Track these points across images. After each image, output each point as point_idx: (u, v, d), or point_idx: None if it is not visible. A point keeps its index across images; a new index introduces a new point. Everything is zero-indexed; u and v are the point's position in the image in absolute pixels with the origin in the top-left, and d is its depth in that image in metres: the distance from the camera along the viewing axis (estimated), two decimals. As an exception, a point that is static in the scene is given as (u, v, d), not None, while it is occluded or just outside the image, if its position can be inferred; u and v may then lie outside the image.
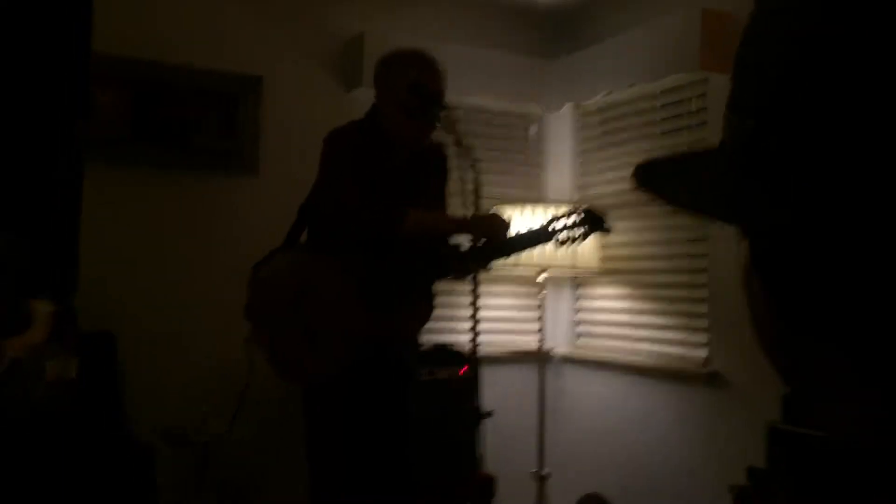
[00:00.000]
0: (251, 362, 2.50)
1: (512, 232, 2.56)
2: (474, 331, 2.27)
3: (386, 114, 2.53)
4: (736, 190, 0.40)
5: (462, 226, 2.51)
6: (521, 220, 3.57)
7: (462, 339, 3.73)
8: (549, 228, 2.54)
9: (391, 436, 2.54)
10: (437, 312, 3.65)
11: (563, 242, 2.54)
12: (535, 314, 3.85)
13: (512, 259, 3.55)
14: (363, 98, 3.60)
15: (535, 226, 2.67)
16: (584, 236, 2.55)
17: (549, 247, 3.53)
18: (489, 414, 2.32)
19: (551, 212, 3.58)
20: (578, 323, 4.12)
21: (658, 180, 0.47)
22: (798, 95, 0.38)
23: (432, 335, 3.74)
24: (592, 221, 2.54)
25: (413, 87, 2.41)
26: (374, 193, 2.45)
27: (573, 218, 2.54)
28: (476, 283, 2.30)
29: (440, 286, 2.64)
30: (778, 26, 0.40)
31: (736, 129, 0.41)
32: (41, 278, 0.78)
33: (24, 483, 2.15)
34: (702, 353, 3.38)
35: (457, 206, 2.72)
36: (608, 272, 3.84)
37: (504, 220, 2.49)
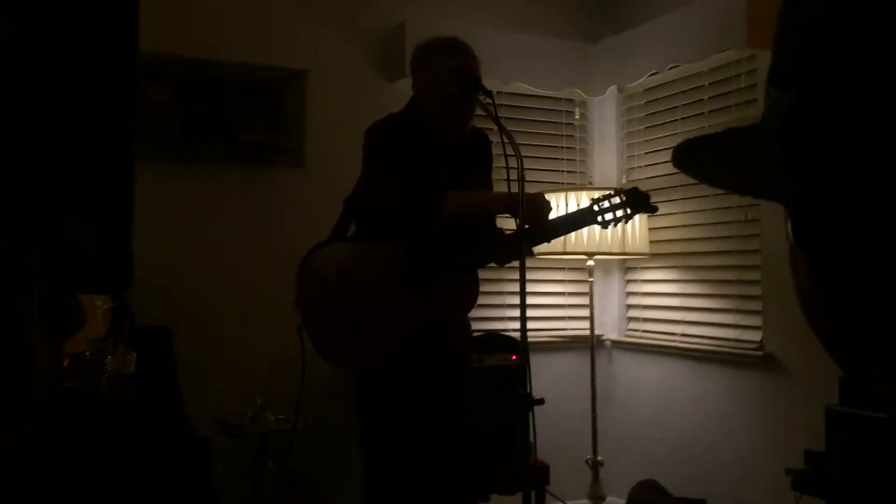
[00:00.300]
0: (304, 349, 2.52)
1: (554, 215, 2.54)
2: (523, 317, 2.26)
3: (425, 102, 2.53)
4: (778, 165, 0.39)
5: (504, 203, 2.51)
6: (567, 206, 3.55)
7: (512, 326, 3.74)
8: (594, 209, 2.50)
9: (444, 423, 2.55)
10: (486, 299, 3.66)
11: (608, 224, 2.51)
12: (584, 300, 3.83)
13: (560, 245, 3.55)
14: (406, 88, 3.59)
15: (580, 208, 2.65)
16: (629, 217, 2.52)
17: (595, 229, 3.52)
18: (541, 401, 2.30)
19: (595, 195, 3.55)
20: (629, 308, 4.08)
21: (698, 161, 0.46)
22: (840, 64, 0.37)
23: (483, 322, 3.75)
24: (638, 202, 2.50)
25: (453, 71, 2.41)
26: (418, 183, 2.45)
27: (617, 199, 2.50)
28: (524, 270, 2.28)
29: (487, 272, 2.64)
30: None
31: (776, 102, 0.40)
32: (97, 275, 0.79)
33: (87, 476, 2.22)
34: (756, 336, 3.32)
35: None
36: (658, 256, 3.80)
37: (546, 200, 2.47)
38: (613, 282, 4.13)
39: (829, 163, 0.37)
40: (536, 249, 3.52)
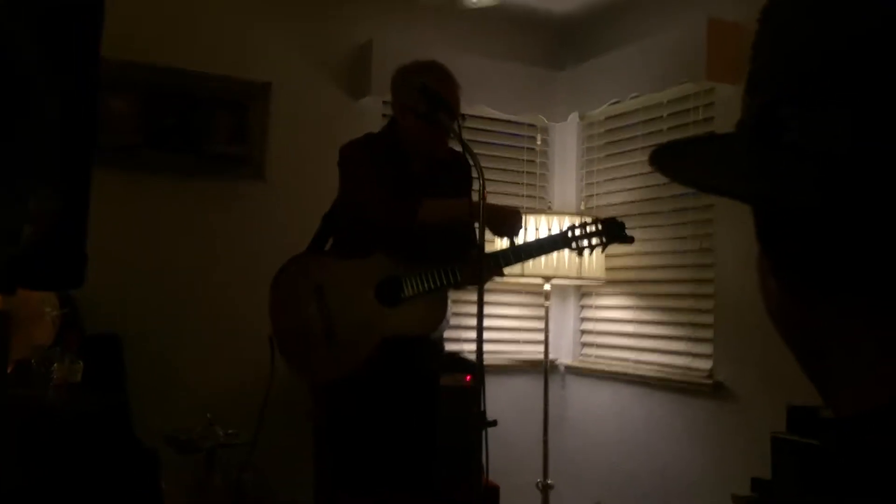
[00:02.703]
0: (273, 359, 2.53)
1: (526, 234, 2.59)
2: (480, 339, 2.27)
3: (402, 121, 2.56)
4: (749, 166, 0.41)
5: (475, 213, 2.56)
6: (525, 230, 3.58)
7: (467, 348, 3.74)
8: (569, 235, 2.55)
9: (408, 440, 2.57)
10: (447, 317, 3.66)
11: (582, 251, 2.56)
12: (540, 324, 3.85)
13: (517, 268, 3.57)
14: (370, 106, 3.63)
15: (556, 232, 2.70)
16: (605, 246, 2.56)
17: (567, 254, 3.55)
18: (494, 422, 2.31)
19: (557, 221, 3.59)
20: (583, 333, 4.12)
21: (675, 162, 0.48)
22: (808, 69, 0.38)
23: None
24: (613, 231, 2.56)
25: (425, 91, 2.43)
26: (394, 194, 2.49)
27: (594, 227, 2.55)
28: (482, 291, 2.29)
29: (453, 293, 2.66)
30: (793, 8, 0.41)
31: (749, 108, 0.42)
32: (47, 270, 0.78)
33: (30, 486, 2.16)
34: (706, 364, 3.37)
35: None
36: (613, 283, 3.84)
37: (519, 214, 2.53)
38: (569, 307, 4.17)
39: (804, 162, 0.38)
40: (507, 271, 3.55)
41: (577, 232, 2.55)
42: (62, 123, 0.75)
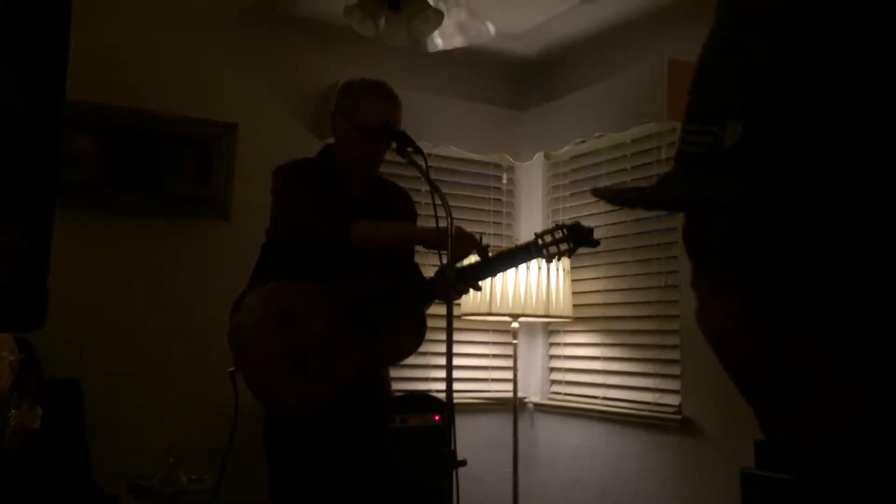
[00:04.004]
0: (237, 394, 2.36)
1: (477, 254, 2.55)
2: (449, 378, 2.25)
3: (339, 131, 2.54)
4: (729, 182, 0.40)
5: (418, 234, 2.50)
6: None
7: (435, 387, 3.72)
8: (538, 242, 2.54)
9: (362, 482, 2.49)
10: (409, 359, 3.63)
11: (552, 257, 2.55)
12: (508, 362, 3.84)
13: (485, 306, 3.57)
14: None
15: (523, 242, 2.68)
16: (572, 251, 2.56)
17: (520, 289, 3.54)
18: (464, 462, 2.28)
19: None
20: (552, 370, 4.12)
21: (624, 193, 0.48)
22: (800, 89, 0.38)
23: (405, 382, 3.72)
24: (579, 235, 2.56)
25: (388, 128, 2.43)
26: (327, 213, 2.42)
27: (560, 232, 2.55)
28: (451, 328, 2.28)
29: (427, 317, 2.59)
30: (753, 27, 0.41)
31: (713, 135, 0.42)
32: (7, 311, 0.76)
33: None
34: (674, 399, 3.38)
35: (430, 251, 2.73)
36: (581, 319, 3.86)
37: (468, 233, 2.43)
38: (537, 344, 4.17)
39: (800, 182, 0.38)
40: (473, 308, 3.53)
41: (546, 238, 2.55)
42: (29, 161, 0.74)
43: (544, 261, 2.60)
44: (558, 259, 2.60)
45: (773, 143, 0.39)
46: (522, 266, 3.60)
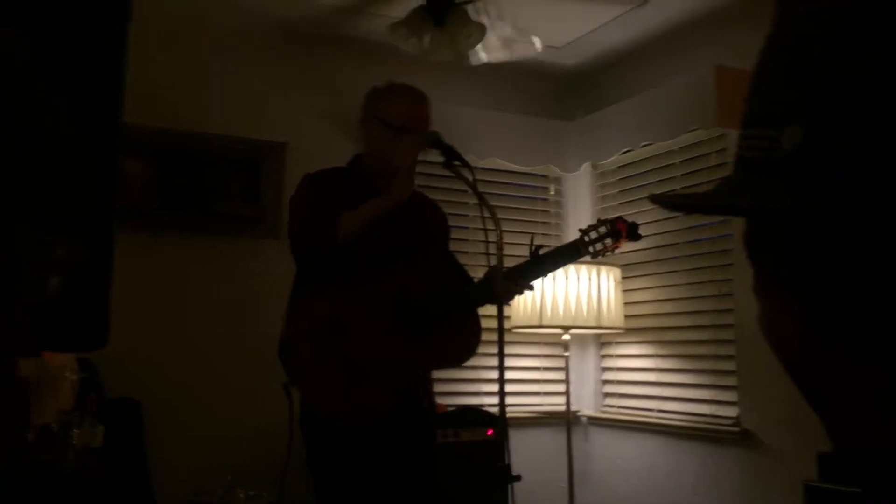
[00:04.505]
0: (292, 407, 2.32)
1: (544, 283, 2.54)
2: (502, 391, 2.24)
3: (367, 132, 2.52)
4: (789, 187, 0.40)
5: (394, 202, 2.39)
6: (542, 280, 3.58)
7: (486, 401, 3.70)
8: (584, 239, 2.54)
9: (412, 496, 2.42)
10: (460, 373, 3.62)
11: (598, 254, 2.55)
12: (560, 375, 3.81)
13: (535, 319, 3.55)
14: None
15: (568, 242, 2.66)
16: (615, 247, 2.56)
17: (570, 301, 3.51)
18: (518, 477, 2.26)
19: (574, 270, 3.57)
20: (605, 383, 4.07)
21: (677, 198, 0.47)
22: (863, 99, 0.38)
23: (457, 397, 3.71)
24: (622, 230, 2.54)
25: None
26: (326, 212, 2.36)
27: (603, 228, 2.54)
28: (503, 342, 2.27)
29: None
30: (811, 32, 0.41)
31: (773, 140, 0.41)
32: (71, 331, 0.78)
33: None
34: (732, 411, 3.31)
35: (480, 264, 2.73)
36: (633, 331, 3.81)
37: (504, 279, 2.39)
38: (589, 357, 4.13)
39: (855, 190, 0.37)
40: (524, 321, 3.51)
41: (592, 235, 2.54)
42: (89, 179, 0.76)
43: (590, 258, 2.59)
44: (603, 255, 2.59)
45: (832, 148, 0.38)
46: (573, 277, 3.57)
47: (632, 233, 2.56)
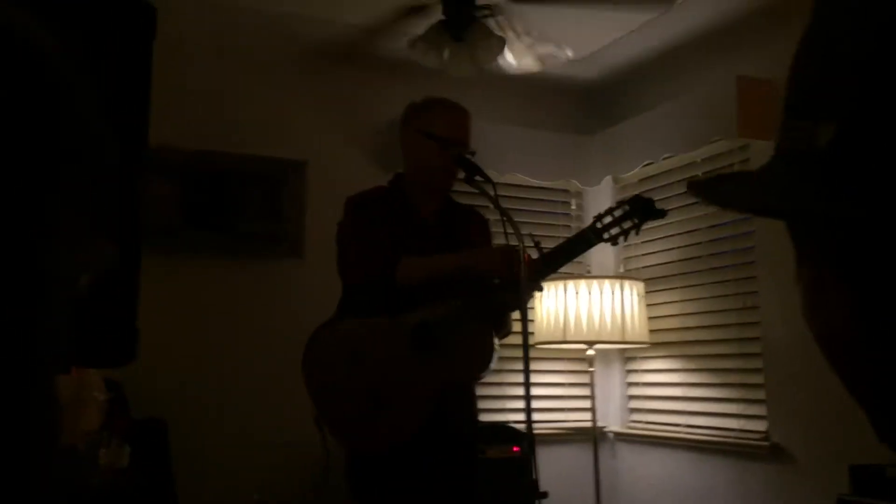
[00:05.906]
0: (326, 442, 2.37)
1: (553, 304, 2.51)
2: (528, 408, 2.22)
3: (411, 148, 2.53)
4: (821, 188, 0.40)
5: (464, 261, 2.38)
6: (566, 294, 3.56)
7: (512, 418, 3.67)
8: (597, 225, 2.39)
9: None
10: (485, 390, 3.60)
11: (615, 238, 2.38)
12: (585, 391, 3.78)
13: (559, 334, 3.52)
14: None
15: (581, 230, 2.53)
16: (637, 227, 2.37)
17: (594, 315, 3.48)
18: (545, 494, 2.24)
19: (597, 285, 3.55)
20: (630, 398, 4.03)
21: (717, 189, 0.47)
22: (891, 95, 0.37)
23: (482, 413, 3.68)
24: (643, 208, 2.35)
25: (461, 161, 2.42)
26: (381, 250, 2.39)
27: (620, 210, 2.37)
28: (527, 358, 2.25)
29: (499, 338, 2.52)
30: (847, 27, 0.41)
31: (808, 133, 0.41)
32: (99, 346, 0.79)
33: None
34: (761, 425, 3.27)
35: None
36: (658, 345, 3.77)
37: (515, 251, 2.29)
38: (614, 372, 4.09)
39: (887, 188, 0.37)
40: (548, 337, 3.48)
41: (606, 220, 2.37)
42: (116, 188, 0.76)
43: (610, 244, 2.43)
44: (624, 240, 2.42)
45: (864, 148, 0.38)
46: (596, 292, 3.54)
47: (648, 209, 2.35)
